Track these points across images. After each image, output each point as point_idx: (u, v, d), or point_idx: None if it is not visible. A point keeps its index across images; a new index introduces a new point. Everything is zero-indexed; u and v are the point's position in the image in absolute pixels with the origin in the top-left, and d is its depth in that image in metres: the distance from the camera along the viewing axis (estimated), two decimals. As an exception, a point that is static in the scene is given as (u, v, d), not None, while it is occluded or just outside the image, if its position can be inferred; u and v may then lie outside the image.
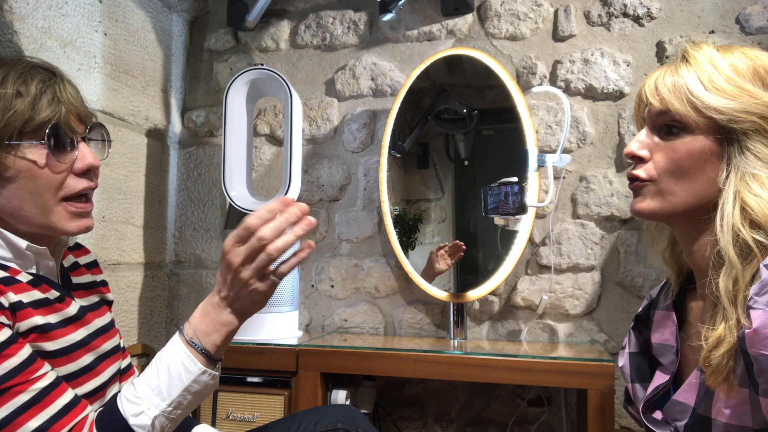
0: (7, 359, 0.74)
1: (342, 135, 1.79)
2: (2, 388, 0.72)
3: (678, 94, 0.81)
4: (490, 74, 1.58)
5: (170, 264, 1.89)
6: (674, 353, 0.88)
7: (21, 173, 0.81)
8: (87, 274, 1.02)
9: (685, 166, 0.80)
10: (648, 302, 1.00)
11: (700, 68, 0.81)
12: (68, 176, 0.85)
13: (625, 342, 1.00)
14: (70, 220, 0.86)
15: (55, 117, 0.82)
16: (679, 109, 0.80)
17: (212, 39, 1.93)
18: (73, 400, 0.79)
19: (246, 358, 1.41)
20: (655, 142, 0.84)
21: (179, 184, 1.91)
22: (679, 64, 0.84)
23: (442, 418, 1.68)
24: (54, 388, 0.77)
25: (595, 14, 1.62)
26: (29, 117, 0.80)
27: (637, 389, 0.94)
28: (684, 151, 0.80)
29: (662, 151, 0.83)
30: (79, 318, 0.90)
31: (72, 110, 0.85)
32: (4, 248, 0.83)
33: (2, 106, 0.79)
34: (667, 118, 0.82)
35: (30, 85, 0.81)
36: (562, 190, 1.60)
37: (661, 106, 0.82)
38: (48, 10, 1.37)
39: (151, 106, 1.78)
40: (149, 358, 1.74)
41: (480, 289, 1.56)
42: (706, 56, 0.82)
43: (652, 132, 0.85)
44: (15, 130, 0.79)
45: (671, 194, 0.82)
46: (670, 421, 0.83)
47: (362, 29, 1.80)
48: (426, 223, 1.68)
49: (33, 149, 0.81)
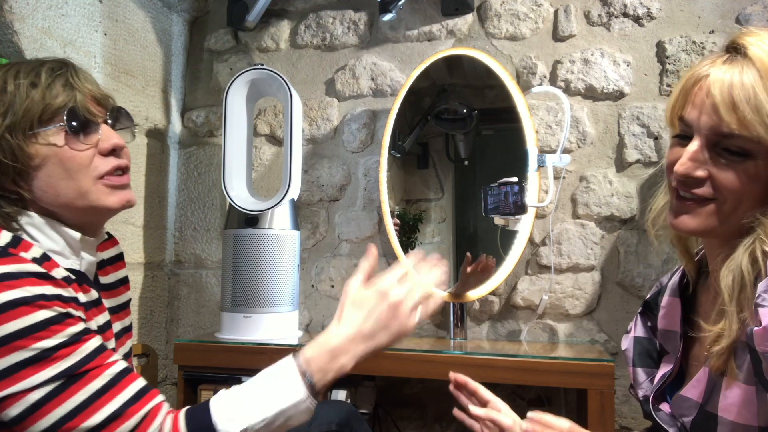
0: (83, 344, 0.76)
1: (342, 135, 1.79)
2: (79, 373, 0.74)
3: (760, 115, 0.70)
4: (490, 74, 1.58)
5: (170, 264, 1.89)
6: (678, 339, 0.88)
7: (48, 160, 0.82)
8: (111, 273, 1.02)
9: (748, 193, 0.73)
10: (657, 289, 1.00)
11: (764, 77, 0.70)
12: (95, 157, 0.86)
13: (631, 326, 1.00)
14: (110, 194, 0.87)
15: (71, 101, 0.83)
16: (763, 137, 0.70)
17: (212, 39, 1.93)
18: (146, 386, 0.79)
19: (246, 358, 1.41)
20: (711, 159, 0.75)
21: (179, 184, 1.91)
22: (741, 62, 0.73)
23: (442, 418, 1.68)
24: (127, 373, 0.78)
25: (595, 14, 1.62)
26: (46, 104, 0.81)
27: (639, 373, 0.94)
28: (748, 178, 0.73)
29: (725, 175, 0.74)
30: (106, 330, 0.91)
31: (87, 94, 0.86)
32: (54, 241, 0.84)
33: (19, 97, 0.81)
34: (734, 141, 0.72)
35: (42, 75, 0.83)
36: (562, 190, 1.60)
37: (738, 129, 0.71)
38: (48, 10, 1.37)
39: (151, 106, 1.78)
40: (149, 358, 1.74)
41: (480, 289, 1.56)
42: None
43: (708, 146, 0.75)
44: (34, 118, 0.81)
45: (729, 217, 0.76)
46: (677, 416, 0.83)
47: (362, 29, 1.80)
48: (426, 223, 1.68)
49: (54, 134, 0.83)
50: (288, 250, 1.53)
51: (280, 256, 1.51)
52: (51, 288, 0.75)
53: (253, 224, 1.51)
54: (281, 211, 1.53)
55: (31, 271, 0.74)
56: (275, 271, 1.50)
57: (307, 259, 1.79)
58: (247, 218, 1.51)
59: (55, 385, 0.72)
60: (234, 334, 1.50)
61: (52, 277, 0.77)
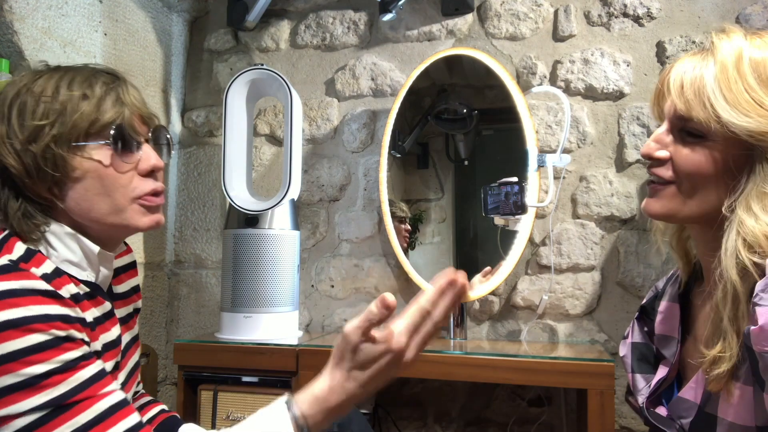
0: (77, 372, 0.73)
1: (342, 135, 1.79)
2: (68, 403, 0.71)
3: (701, 98, 0.75)
4: (490, 74, 1.58)
5: (170, 264, 1.89)
6: (676, 345, 0.88)
7: (88, 174, 0.82)
8: (125, 281, 1.01)
9: (705, 174, 0.77)
10: (653, 293, 1.00)
11: (721, 68, 0.75)
12: (134, 177, 0.86)
13: (628, 331, 1.00)
14: (144, 215, 0.87)
15: (119, 118, 0.83)
16: (701, 117, 0.75)
17: (212, 39, 1.93)
18: (137, 425, 0.75)
19: (246, 358, 1.41)
20: (675, 142, 0.80)
21: (179, 184, 1.91)
22: (706, 55, 0.78)
23: (442, 418, 1.68)
24: (118, 408, 0.75)
25: (595, 14, 1.62)
26: (95, 118, 0.81)
27: (638, 380, 0.94)
28: (705, 159, 0.76)
29: (683, 154, 0.78)
30: (116, 345, 0.89)
31: (135, 112, 0.86)
32: (72, 252, 0.83)
33: (70, 108, 0.80)
34: (690, 124, 0.77)
35: (95, 87, 0.82)
36: (562, 190, 1.60)
37: (685, 111, 0.77)
38: (48, 10, 1.37)
39: (151, 106, 1.77)
40: (149, 358, 1.74)
41: (480, 289, 1.56)
42: (732, 50, 0.76)
43: (672, 130, 0.80)
44: (81, 132, 0.80)
45: (690, 199, 0.79)
46: (675, 418, 0.83)
47: (362, 29, 1.80)
48: (426, 223, 1.68)
49: (98, 150, 0.82)
50: (288, 250, 1.53)
51: (280, 256, 1.51)
52: (56, 307, 0.73)
53: (253, 224, 1.51)
54: (281, 211, 1.53)
55: (38, 289, 0.73)
56: (275, 271, 1.50)
57: (307, 259, 1.79)
58: (247, 218, 1.51)
59: (41, 414, 0.70)
60: (234, 334, 1.50)
61: (59, 296, 0.75)
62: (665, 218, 0.84)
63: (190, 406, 1.44)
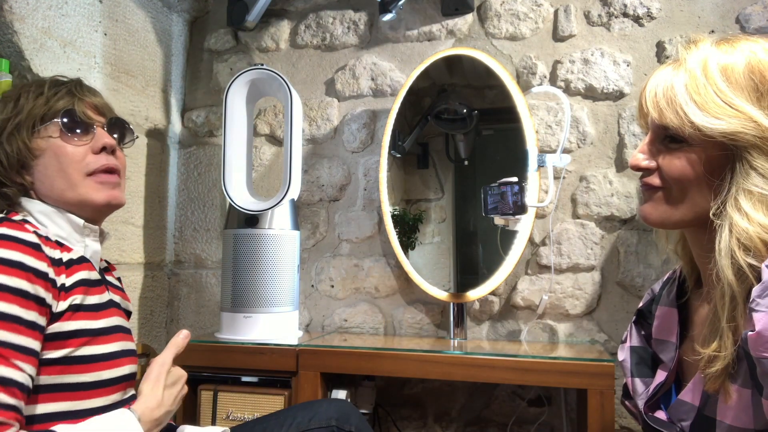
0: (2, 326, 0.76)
1: (342, 135, 1.79)
2: None
3: (674, 106, 0.78)
4: (490, 74, 1.58)
5: (170, 264, 1.89)
6: (674, 350, 0.88)
7: (45, 152, 0.92)
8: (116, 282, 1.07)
9: (690, 178, 0.79)
10: (650, 297, 1.00)
11: (690, 75, 0.78)
12: (88, 155, 0.94)
13: (626, 336, 1.00)
14: (98, 190, 0.94)
15: (70, 105, 0.94)
16: (675, 124, 0.78)
17: (212, 39, 1.93)
18: (4, 404, 0.74)
19: (246, 358, 1.41)
20: (659, 151, 0.82)
21: (179, 184, 1.91)
22: (677, 66, 0.82)
23: (442, 418, 1.68)
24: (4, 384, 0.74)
25: (595, 14, 1.62)
26: (49, 106, 0.93)
27: (637, 384, 0.93)
28: (688, 163, 0.78)
29: (667, 161, 0.81)
30: (111, 306, 0.95)
31: (87, 102, 0.96)
32: (60, 227, 0.92)
33: (28, 104, 0.93)
34: (667, 131, 0.80)
35: (51, 87, 0.95)
36: (562, 190, 1.60)
37: (659, 120, 0.80)
38: (48, 10, 1.37)
39: (151, 106, 1.78)
40: (149, 358, 1.74)
41: (480, 289, 1.56)
42: (699, 58, 0.79)
43: (656, 139, 0.83)
44: (37, 118, 0.92)
45: (681, 203, 0.81)
46: (675, 421, 0.83)
47: (362, 29, 1.80)
48: (426, 223, 1.68)
49: (54, 129, 0.93)
50: (288, 250, 1.53)
51: (280, 256, 1.51)
52: (31, 259, 0.80)
53: (253, 224, 1.51)
54: (281, 211, 1.53)
55: (24, 239, 0.81)
56: (275, 271, 1.50)
57: (307, 259, 1.79)
58: (247, 218, 1.51)
59: None
60: (234, 334, 1.50)
61: (40, 249, 0.82)
62: (660, 224, 0.85)
63: (190, 406, 1.44)
